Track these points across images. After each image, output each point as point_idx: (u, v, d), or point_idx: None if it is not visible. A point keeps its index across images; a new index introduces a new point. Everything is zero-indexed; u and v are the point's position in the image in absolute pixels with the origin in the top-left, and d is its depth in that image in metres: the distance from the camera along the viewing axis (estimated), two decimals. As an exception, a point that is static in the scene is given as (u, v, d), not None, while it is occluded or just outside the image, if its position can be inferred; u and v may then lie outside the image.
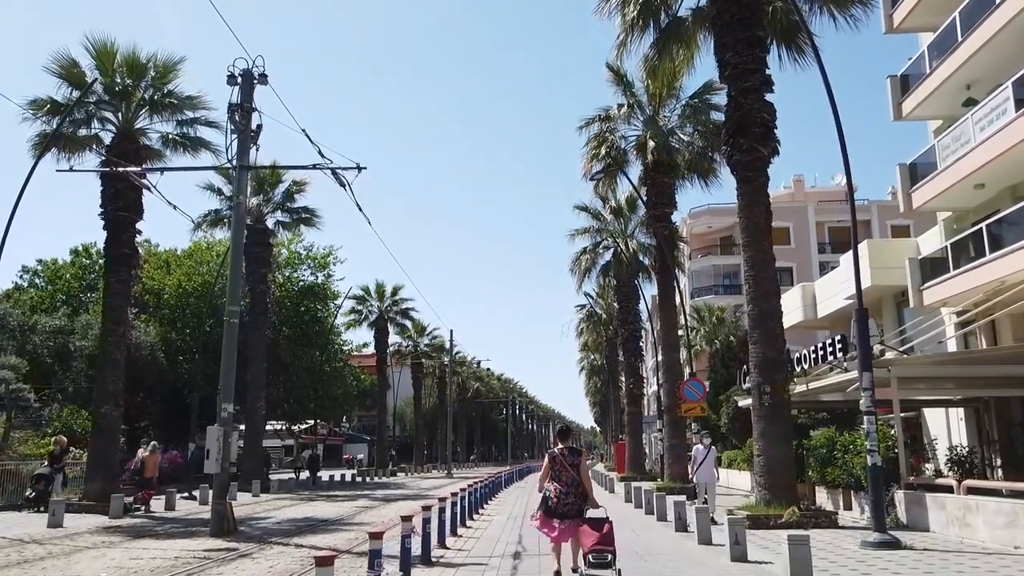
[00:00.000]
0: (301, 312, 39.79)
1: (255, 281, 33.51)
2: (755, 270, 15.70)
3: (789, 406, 15.39)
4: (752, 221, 15.86)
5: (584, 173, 28.63)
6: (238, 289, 15.48)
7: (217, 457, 14.40)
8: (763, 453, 15.07)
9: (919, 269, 25.37)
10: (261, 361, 33.23)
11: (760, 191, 16.04)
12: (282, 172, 33.73)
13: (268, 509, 21.55)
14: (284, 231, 35.72)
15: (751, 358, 15.71)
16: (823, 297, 28.72)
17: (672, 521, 14.66)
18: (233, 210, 15.59)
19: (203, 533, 14.63)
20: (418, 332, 65.84)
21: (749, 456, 23.17)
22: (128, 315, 23.17)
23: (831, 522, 14.24)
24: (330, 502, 24.68)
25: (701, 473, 15.99)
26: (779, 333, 15.55)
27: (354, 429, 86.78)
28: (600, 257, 38.67)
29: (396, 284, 55.88)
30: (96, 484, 20.61)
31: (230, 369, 15.14)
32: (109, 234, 22.47)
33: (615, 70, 27.49)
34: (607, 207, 38.00)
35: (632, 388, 37.55)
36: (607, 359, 61.58)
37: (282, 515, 19.45)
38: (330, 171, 15.61)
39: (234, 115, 15.46)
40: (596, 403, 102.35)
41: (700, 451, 16.19)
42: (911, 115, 26.49)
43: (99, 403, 21.61)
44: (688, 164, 28.27)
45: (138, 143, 23.05)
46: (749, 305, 15.79)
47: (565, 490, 8.78)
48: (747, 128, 15.95)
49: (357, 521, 17.64)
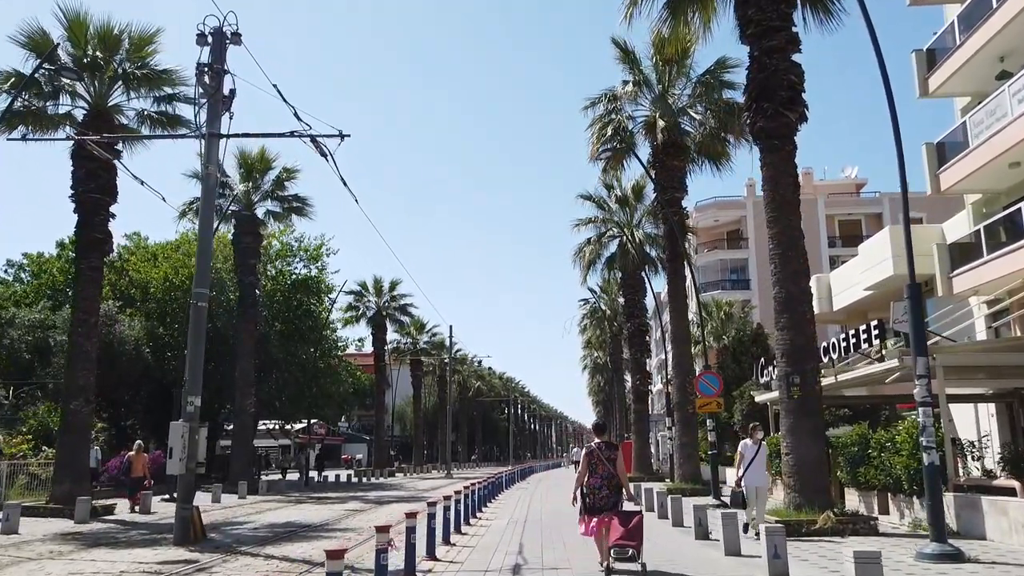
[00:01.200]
0: (293, 306, 38.20)
1: (244, 272, 32.01)
2: (782, 248, 14.13)
3: (821, 399, 13.82)
4: (778, 194, 14.28)
5: (590, 156, 27.05)
6: (207, 270, 13.94)
7: (181, 456, 12.87)
8: (792, 451, 13.50)
9: (948, 255, 23.81)
10: (250, 356, 31.70)
11: (787, 161, 14.46)
12: (272, 158, 32.27)
13: (250, 513, 20.01)
14: (275, 222, 34.25)
15: (777, 346, 14.14)
16: (839, 289, 27.08)
17: (691, 527, 13.10)
18: (201, 181, 14.01)
19: (169, 541, 13.10)
20: (417, 329, 64.30)
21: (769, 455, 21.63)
22: (99, 304, 21.61)
23: (870, 529, 12.67)
24: (319, 504, 23.15)
25: (751, 476, 12.65)
26: (809, 318, 13.98)
27: (354, 429, 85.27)
28: (605, 248, 37.15)
29: (394, 279, 54.46)
30: (64, 486, 19.08)
31: (197, 358, 13.59)
32: (80, 217, 20.94)
33: (621, 46, 25.96)
34: (612, 196, 36.49)
35: (638, 385, 35.95)
36: (611, 356, 60.00)
37: (263, 519, 17.90)
38: (309, 139, 14.05)
39: (203, 76, 13.91)
40: (599, 402, 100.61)
41: (749, 448, 12.86)
42: (938, 91, 24.85)
43: (68, 399, 20.05)
44: (699, 147, 26.70)
45: (112, 120, 21.54)
46: (776, 287, 14.21)
47: (600, 483, 8.89)
48: (772, 91, 14.38)
49: (342, 527, 16.08)
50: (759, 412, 25.86)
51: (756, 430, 12.95)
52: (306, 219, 33.84)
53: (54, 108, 21.24)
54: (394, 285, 54.27)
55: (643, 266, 35.61)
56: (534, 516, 17.41)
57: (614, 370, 61.51)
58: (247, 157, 31.85)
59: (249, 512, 20.21)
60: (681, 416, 24.69)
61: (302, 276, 39.01)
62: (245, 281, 31.89)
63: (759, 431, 12.91)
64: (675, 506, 14.89)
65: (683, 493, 22.14)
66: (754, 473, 12.67)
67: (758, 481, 12.71)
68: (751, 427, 13.13)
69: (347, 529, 15.41)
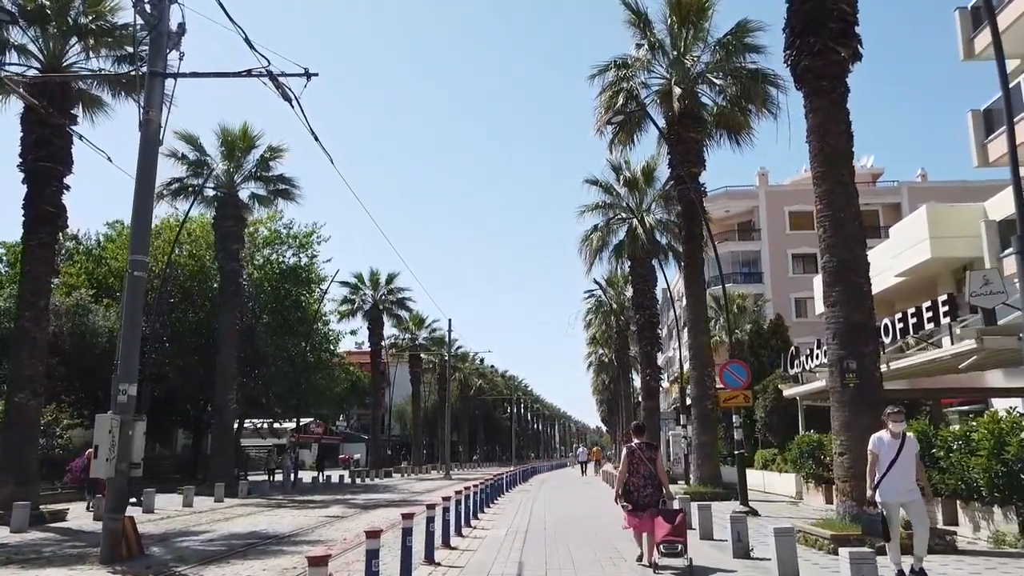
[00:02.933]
0: (282, 297, 35.93)
1: (226, 259, 29.79)
2: (833, 208, 11.84)
3: (881, 387, 11.51)
4: (828, 144, 11.99)
5: (597, 127, 24.74)
6: (146, 233, 11.68)
7: (109, 456, 10.61)
8: (848, 451, 11.19)
9: (997, 233, 21.50)
10: (232, 348, 29.48)
11: (837, 106, 12.17)
12: (255, 136, 30.06)
13: (216, 520, 17.75)
14: (261, 206, 31.99)
15: (828, 325, 11.83)
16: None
17: (725, 542, 10.84)
18: (140, 129, 11.75)
19: (96, 556, 10.86)
20: (416, 324, 62.10)
21: (796, 457, 19.36)
22: (49, 285, 19.38)
23: (947, 545, 10.35)
24: (299, 509, 20.89)
25: (894, 485, 7.94)
26: (867, 291, 11.69)
27: (352, 428, 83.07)
28: (613, 235, 34.77)
29: (392, 272, 52.33)
30: (7, 489, 16.87)
31: (133, 338, 11.34)
32: (30, 189, 18.76)
33: (632, 7, 23.65)
34: (621, 179, 34.19)
35: (648, 380, 33.65)
36: (617, 352, 57.62)
37: (225, 528, 15.63)
38: (269, 78, 11.78)
39: (141, 2, 11.65)
40: (603, 401, 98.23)
41: (886, 444, 8.09)
42: (984, 53, 22.64)
43: (13, 391, 17.85)
44: (717, 118, 24.40)
45: (68, 84, 19.36)
46: (825, 255, 11.92)
47: (643, 483, 9.14)
48: (820, 23, 12.08)
49: (312, 538, 13.83)
50: (784, 409, 23.61)
51: (897, 417, 8.13)
52: (294, 203, 31.74)
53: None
54: (391, 278, 52.13)
55: (653, 254, 33.38)
56: (537, 525, 15.13)
57: (620, 367, 59.16)
58: (228, 134, 29.66)
59: (215, 519, 17.95)
60: (699, 412, 22.38)
61: (291, 265, 36.72)
62: (227, 268, 29.68)
63: (900, 418, 8.17)
64: (703, 515, 12.56)
65: (702, 497, 19.85)
66: (899, 481, 7.93)
67: (905, 494, 7.95)
68: (889, 413, 8.21)
69: (317, 541, 13.16)
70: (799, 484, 20.70)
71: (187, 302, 33.95)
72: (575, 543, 12.26)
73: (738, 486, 16.97)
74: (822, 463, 17.80)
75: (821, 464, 17.88)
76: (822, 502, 18.32)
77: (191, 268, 33.57)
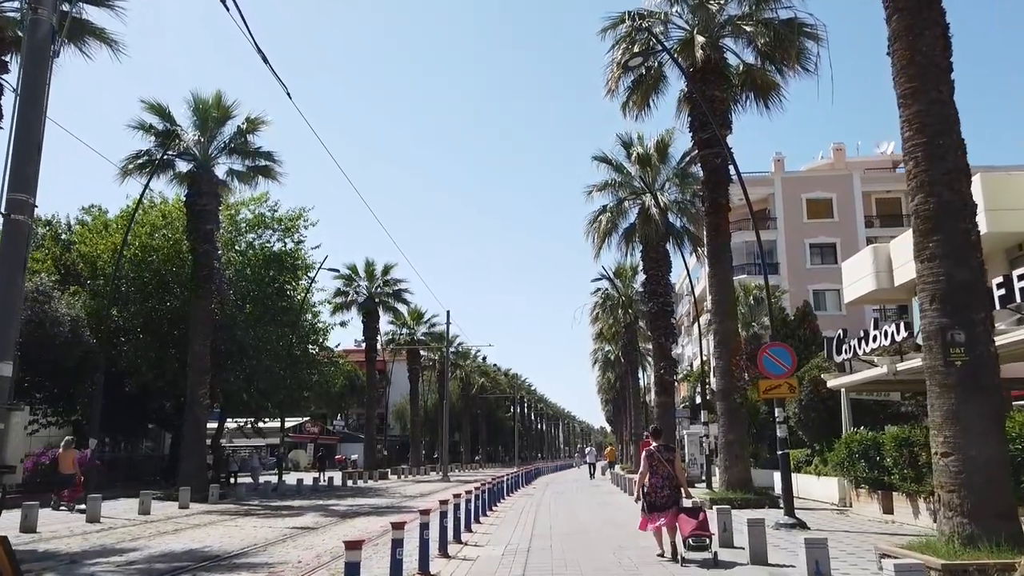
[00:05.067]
0: (265, 284, 33.19)
1: (199, 240, 27.12)
2: (927, 134, 9.10)
3: (998, 366, 8.76)
4: (919, 51, 9.24)
5: (608, 87, 22.04)
6: (31, 160, 8.93)
7: (-35, 456, 7.86)
8: (956, 450, 8.45)
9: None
10: (205, 338, 26.85)
11: (929, 5, 9.41)
12: (229, 105, 27.37)
13: (160, 533, 15.02)
14: (240, 183, 29.24)
15: (923, 286, 9.09)
16: (902, 260, 21.56)
17: (784, 567, 8.13)
18: (25, 33, 9.03)
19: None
20: (415, 319, 59.37)
21: (843, 459, 16.60)
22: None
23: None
24: (267, 518, 18.17)
25: None
26: (975, 240, 8.96)
27: (351, 427, 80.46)
28: (623, 219, 32.07)
29: (388, 262, 49.59)
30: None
31: (11, 297, 8.60)
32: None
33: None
34: (632, 156, 31.47)
35: (663, 374, 30.89)
36: (624, 348, 54.85)
37: (161, 546, 12.88)
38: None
39: None
40: (609, 400, 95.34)
41: None
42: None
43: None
44: (744, 77, 21.71)
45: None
46: (917, 195, 9.18)
47: (661, 483, 9.68)
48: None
49: (261, 559, 11.09)
50: (822, 403, 20.85)
51: None
52: (276, 183, 29.06)
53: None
54: (387, 269, 49.42)
55: (668, 237, 30.68)
56: (541, 541, 12.40)
57: (628, 363, 56.37)
58: (200, 102, 26.98)
59: (161, 532, 15.22)
60: (726, 407, 19.63)
61: (275, 250, 33.99)
62: (200, 250, 27.02)
63: None
64: (755, 532, 9.77)
65: (731, 504, 17.10)
66: None
67: None
68: None
69: (262, 566, 10.44)
70: (844, 490, 17.95)
71: (164, 289, 31.25)
72: (588, 566, 9.56)
73: (782, 493, 14.27)
74: (879, 466, 15.08)
75: (877, 467, 15.15)
76: (877, 511, 15.58)
77: (166, 252, 30.82)
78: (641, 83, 22.16)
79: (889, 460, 14.36)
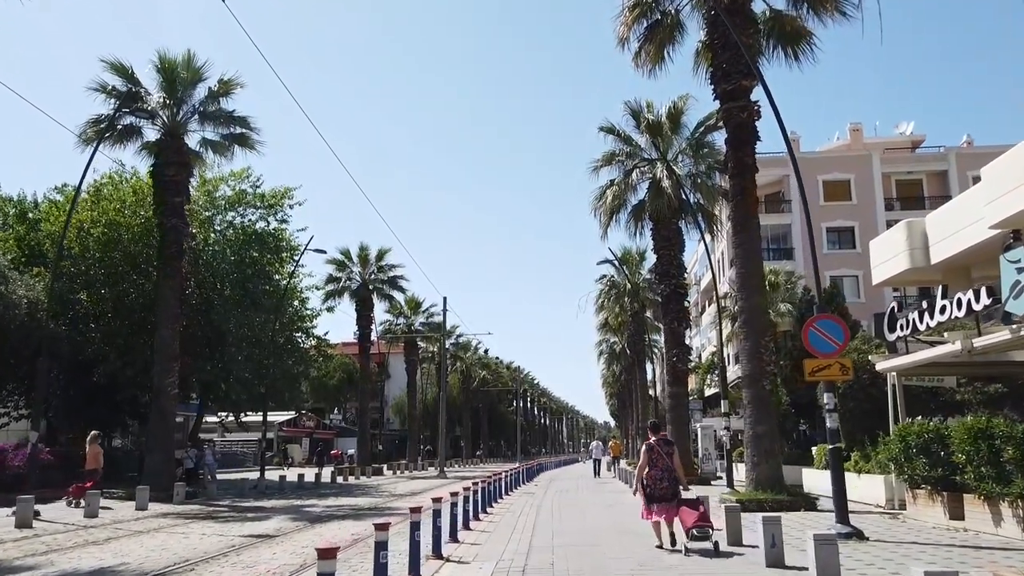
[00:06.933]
0: (245, 265, 30.74)
1: (166, 214, 24.68)
2: None
3: None
4: None
5: (619, 38, 19.58)
6: None
7: None
8: None
9: None
10: (173, 322, 24.44)
11: None
12: (200, 67, 24.89)
13: (84, 542, 12.59)
14: (215, 154, 26.69)
15: None
16: (940, 236, 18.44)
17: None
18: None
19: None
20: (412, 308, 57.01)
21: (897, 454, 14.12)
22: None
23: None
24: (223, 523, 15.72)
25: None
26: None
27: (348, 421, 78.15)
28: (632, 194, 29.58)
29: (382, 247, 47.12)
30: None
31: None
32: None
33: None
34: (641, 125, 28.98)
35: (675, 362, 28.42)
36: (631, 338, 52.39)
37: (68, 562, 10.37)
38: None
39: None
40: (613, 394, 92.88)
41: None
42: None
43: None
44: (771, 23, 19.26)
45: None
46: None
47: (660, 475, 10.03)
48: None
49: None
50: (864, 391, 18.40)
51: None
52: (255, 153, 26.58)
53: None
54: (382, 254, 46.93)
55: (680, 213, 28.23)
56: (540, 556, 9.93)
57: (633, 354, 53.92)
58: (167, 63, 24.48)
59: (87, 540, 12.78)
60: (754, 394, 17.11)
61: (257, 228, 31.54)
62: (168, 224, 24.59)
63: None
64: (827, 555, 7.30)
65: (761, 507, 14.71)
66: None
67: None
68: None
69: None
70: (894, 490, 15.49)
71: (135, 270, 28.83)
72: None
73: (834, 496, 11.75)
74: (944, 462, 12.61)
75: (942, 463, 12.68)
76: (941, 516, 13.07)
77: (138, 230, 28.36)
78: (656, 30, 19.68)
79: (961, 456, 11.89)
